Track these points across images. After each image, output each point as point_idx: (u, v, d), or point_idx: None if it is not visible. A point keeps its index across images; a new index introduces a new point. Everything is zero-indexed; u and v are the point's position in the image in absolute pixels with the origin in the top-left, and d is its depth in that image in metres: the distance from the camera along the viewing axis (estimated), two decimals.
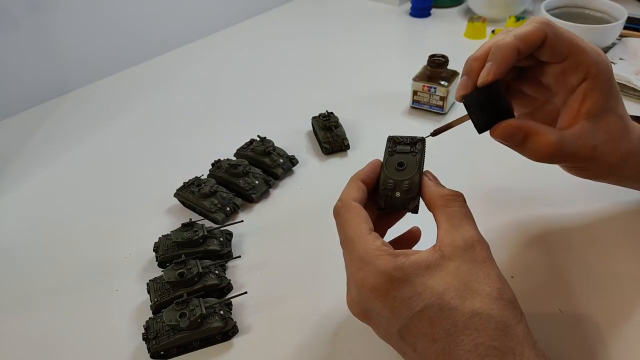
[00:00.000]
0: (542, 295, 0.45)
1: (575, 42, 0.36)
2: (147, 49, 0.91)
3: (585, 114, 0.37)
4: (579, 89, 0.37)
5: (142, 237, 0.53)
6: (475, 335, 0.29)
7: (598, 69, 0.36)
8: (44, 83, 0.80)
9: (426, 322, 0.30)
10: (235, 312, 0.45)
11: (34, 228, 0.57)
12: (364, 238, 0.33)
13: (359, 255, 0.32)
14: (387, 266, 0.31)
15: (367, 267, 0.31)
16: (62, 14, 0.77)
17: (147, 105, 0.79)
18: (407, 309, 0.30)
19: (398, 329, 0.31)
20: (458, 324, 0.29)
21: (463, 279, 0.30)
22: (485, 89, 0.36)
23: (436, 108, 0.70)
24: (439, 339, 0.29)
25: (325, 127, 0.65)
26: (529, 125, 0.36)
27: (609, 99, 0.37)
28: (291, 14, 1.08)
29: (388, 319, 0.31)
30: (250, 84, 0.83)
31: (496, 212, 0.53)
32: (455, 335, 0.29)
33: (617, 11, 0.80)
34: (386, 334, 0.33)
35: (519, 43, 0.36)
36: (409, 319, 0.30)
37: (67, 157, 0.68)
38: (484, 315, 0.29)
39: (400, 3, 1.08)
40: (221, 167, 0.59)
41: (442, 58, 0.69)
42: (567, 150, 0.37)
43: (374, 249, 0.32)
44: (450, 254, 0.31)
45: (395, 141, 0.39)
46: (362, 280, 0.31)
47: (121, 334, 0.44)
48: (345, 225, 0.34)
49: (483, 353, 0.28)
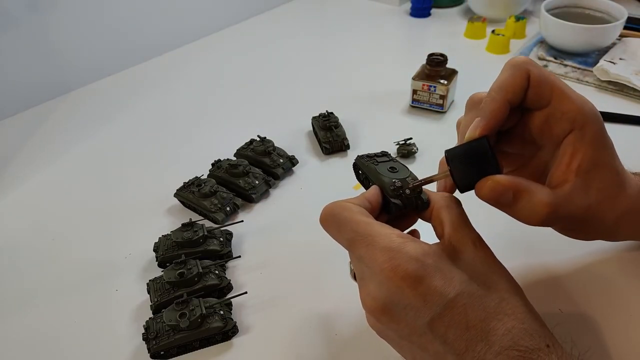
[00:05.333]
0: (542, 295, 0.44)
1: (557, 85, 0.34)
2: (147, 49, 0.91)
3: (576, 169, 0.33)
4: (566, 140, 0.34)
5: (142, 237, 0.53)
6: (506, 320, 0.29)
7: (585, 117, 0.33)
8: (44, 83, 0.80)
9: (460, 309, 0.29)
10: (235, 312, 0.45)
11: (34, 228, 0.57)
12: (380, 228, 0.31)
13: (384, 245, 0.30)
14: (417, 252, 0.30)
15: (397, 255, 0.30)
16: (62, 14, 0.77)
17: (147, 105, 0.79)
18: (441, 296, 0.29)
19: (429, 319, 0.29)
20: (489, 309, 0.29)
21: (481, 270, 0.31)
22: (472, 144, 0.33)
23: (436, 107, 0.70)
24: (472, 326, 0.29)
25: (325, 127, 0.65)
26: (519, 183, 0.33)
27: (601, 152, 0.34)
28: (291, 14, 1.08)
29: (417, 311, 0.29)
30: (250, 84, 0.83)
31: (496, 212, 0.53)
32: (488, 321, 0.29)
33: (617, 11, 0.80)
34: (409, 331, 0.31)
35: (504, 93, 0.33)
36: (442, 307, 0.29)
37: (67, 157, 0.68)
38: (511, 301, 0.30)
39: (400, 3, 1.08)
40: (221, 167, 0.59)
41: (441, 57, 0.69)
42: (561, 212, 0.33)
43: (397, 237, 0.31)
44: (463, 248, 0.32)
45: (368, 157, 0.39)
46: (394, 269, 0.29)
47: (121, 334, 0.44)
48: (351, 222, 0.32)
49: (515, 336, 0.29)
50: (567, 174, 0.33)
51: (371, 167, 0.38)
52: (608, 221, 0.36)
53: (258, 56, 0.92)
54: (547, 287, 0.45)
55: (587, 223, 0.35)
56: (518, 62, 0.34)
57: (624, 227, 0.38)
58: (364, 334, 0.42)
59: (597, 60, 0.77)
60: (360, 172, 0.40)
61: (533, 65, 0.34)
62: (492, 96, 0.34)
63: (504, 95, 0.34)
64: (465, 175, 0.34)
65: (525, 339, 0.29)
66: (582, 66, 0.78)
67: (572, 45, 0.79)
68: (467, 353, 0.29)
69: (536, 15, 0.95)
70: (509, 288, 0.31)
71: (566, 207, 0.33)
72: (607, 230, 0.37)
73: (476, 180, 0.33)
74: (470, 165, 0.33)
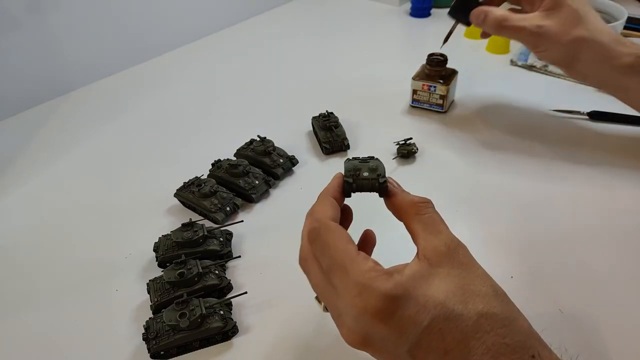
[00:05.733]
0: (542, 295, 0.44)
1: None
2: (147, 49, 0.91)
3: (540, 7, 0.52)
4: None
5: (142, 237, 0.53)
6: (486, 337, 0.28)
7: None
8: (44, 83, 0.80)
9: (436, 334, 0.29)
10: (235, 312, 0.45)
11: (34, 228, 0.57)
12: (355, 261, 0.31)
13: (355, 280, 0.30)
14: (387, 286, 0.29)
15: (366, 291, 0.29)
16: (62, 14, 0.77)
17: (147, 105, 0.79)
18: (415, 326, 0.29)
19: (407, 348, 0.29)
20: (467, 329, 0.29)
21: (458, 283, 0.30)
22: None
23: (436, 106, 0.70)
24: (450, 350, 0.28)
25: (325, 127, 0.65)
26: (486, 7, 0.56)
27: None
28: (291, 14, 1.08)
29: (395, 342, 0.29)
30: (250, 84, 0.83)
31: (496, 212, 0.53)
32: (466, 342, 0.28)
33: (617, 11, 0.80)
34: (393, 357, 0.31)
35: None
36: (418, 335, 0.29)
37: (67, 157, 0.68)
38: (489, 315, 0.29)
39: (400, 3, 1.08)
40: (221, 167, 0.59)
41: (441, 57, 0.69)
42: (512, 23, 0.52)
43: (369, 271, 0.30)
44: (437, 261, 0.31)
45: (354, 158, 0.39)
46: (364, 306, 0.29)
47: (121, 334, 0.44)
48: (331, 249, 0.32)
49: (496, 352, 0.28)
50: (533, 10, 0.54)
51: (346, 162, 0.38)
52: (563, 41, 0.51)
53: (258, 56, 0.92)
54: (547, 286, 0.45)
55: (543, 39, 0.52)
56: None
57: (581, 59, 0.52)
58: None
59: None
60: None
61: None
62: None
63: None
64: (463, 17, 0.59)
65: (507, 354, 0.28)
66: None
67: None
68: None
69: None
70: (489, 299, 0.30)
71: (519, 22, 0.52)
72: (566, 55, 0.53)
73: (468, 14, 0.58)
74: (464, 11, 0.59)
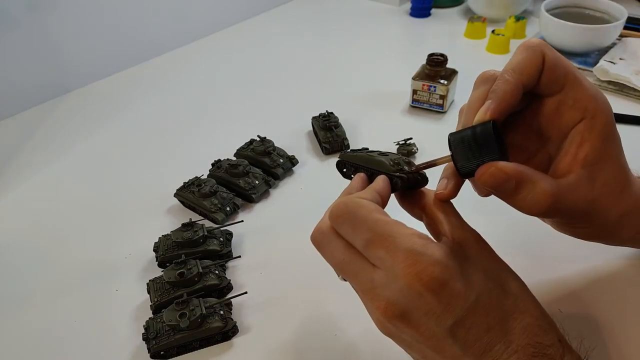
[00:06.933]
0: (542, 295, 0.44)
1: (572, 71, 0.32)
2: (147, 49, 0.91)
3: (582, 160, 0.32)
4: (575, 130, 0.32)
5: (142, 237, 0.53)
6: (522, 317, 0.29)
7: (597, 107, 0.32)
8: (44, 83, 0.80)
9: (481, 311, 0.29)
10: (235, 312, 0.45)
11: (34, 228, 0.57)
12: (400, 228, 0.29)
13: (407, 247, 0.28)
14: (440, 254, 0.28)
15: (421, 258, 0.28)
16: (61, 14, 0.77)
17: (146, 105, 0.79)
18: (464, 300, 0.28)
19: (451, 324, 0.28)
20: (507, 308, 0.29)
21: (489, 267, 0.31)
22: (477, 128, 0.31)
23: (436, 107, 0.70)
24: (492, 328, 0.29)
25: (325, 127, 0.65)
26: (522, 171, 0.31)
27: (609, 145, 0.33)
28: (291, 14, 1.08)
29: (439, 316, 0.28)
30: (250, 84, 0.83)
31: (496, 211, 0.53)
32: (506, 321, 0.29)
33: (617, 11, 0.80)
34: (428, 335, 0.29)
35: (519, 75, 0.32)
36: (465, 310, 0.28)
37: (66, 157, 0.68)
38: (523, 298, 0.30)
39: (400, 3, 1.08)
40: (221, 167, 0.59)
41: (441, 57, 0.69)
42: (563, 203, 0.32)
43: (419, 238, 0.29)
44: (467, 245, 0.31)
45: (353, 150, 0.38)
46: (418, 274, 0.27)
47: (121, 334, 0.44)
48: (368, 221, 0.30)
49: (531, 333, 0.29)
50: (573, 165, 0.32)
51: (362, 155, 0.36)
52: (611, 218, 0.34)
53: (258, 56, 0.92)
54: (547, 286, 0.45)
55: (589, 218, 0.34)
56: (533, 44, 0.32)
57: (626, 228, 0.36)
58: (364, 334, 0.42)
59: (597, 60, 0.77)
60: (345, 170, 0.38)
61: (548, 48, 0.32)
62: (506, 78, 0.32)
63: (518, 77, 0.32)
64: (468, 160, 0.31)
65: (539, 335, 0.29)
66: (582, 66, 0.78)
67: (572, 45, 0.79)
68: (486, 354, 0.29)
69: (536, 15, 0.95)
70: (519, 285, 0.31)
71: (569, 199, 0.32)
72: (608, 229, 0.36)
73: (478, 166, 0.31)
74: (474, 150, 0.31)
